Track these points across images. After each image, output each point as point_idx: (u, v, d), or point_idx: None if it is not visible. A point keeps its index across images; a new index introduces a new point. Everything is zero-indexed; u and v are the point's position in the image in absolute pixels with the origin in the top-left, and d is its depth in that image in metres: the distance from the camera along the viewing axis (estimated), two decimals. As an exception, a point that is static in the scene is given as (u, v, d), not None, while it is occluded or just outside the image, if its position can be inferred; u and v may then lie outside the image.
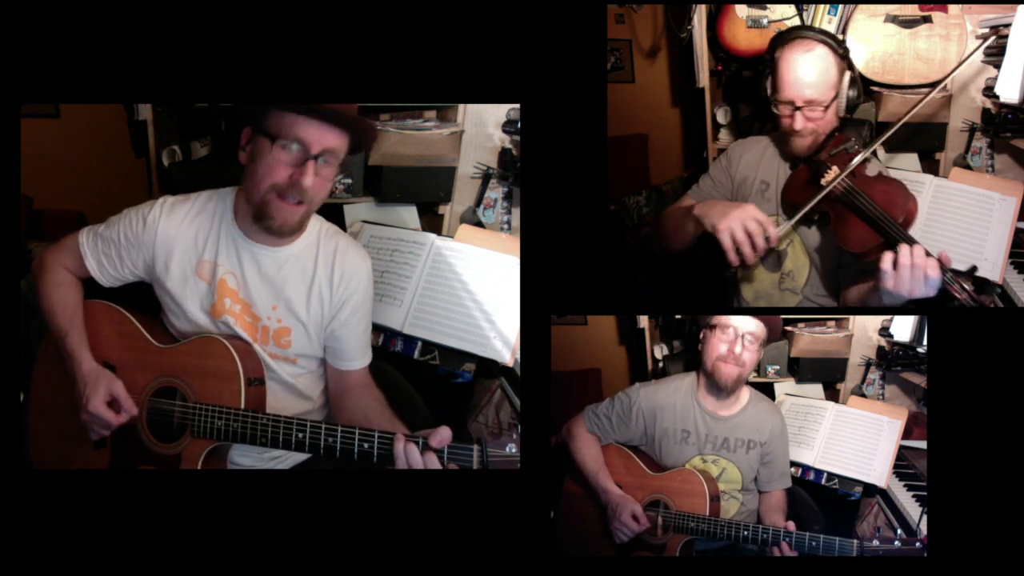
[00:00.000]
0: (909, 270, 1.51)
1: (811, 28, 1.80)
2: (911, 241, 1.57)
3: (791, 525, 1.84)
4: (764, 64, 1.83)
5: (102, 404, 1.50)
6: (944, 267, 1.52)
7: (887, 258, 1.53)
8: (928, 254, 1.52)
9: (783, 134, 1.80)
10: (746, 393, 2.01)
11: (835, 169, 1.71)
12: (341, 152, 1.53)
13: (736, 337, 1.90)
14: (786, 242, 1.87)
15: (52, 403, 1.62)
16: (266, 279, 1.61)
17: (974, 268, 1.56)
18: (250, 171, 1.53)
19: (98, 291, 1.67)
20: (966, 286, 1.53)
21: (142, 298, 1.68)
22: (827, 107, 1.73)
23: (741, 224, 1.69)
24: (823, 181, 1.71)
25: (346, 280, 1.65)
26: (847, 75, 1.76)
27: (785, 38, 1.78)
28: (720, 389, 1.95)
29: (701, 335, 1.99)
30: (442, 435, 1.40)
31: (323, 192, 1.54)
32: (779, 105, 1.76)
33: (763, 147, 1.93)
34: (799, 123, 1.74)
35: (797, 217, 1.75)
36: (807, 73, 1.72)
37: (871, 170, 1.76)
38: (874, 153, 2.01)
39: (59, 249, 1.66)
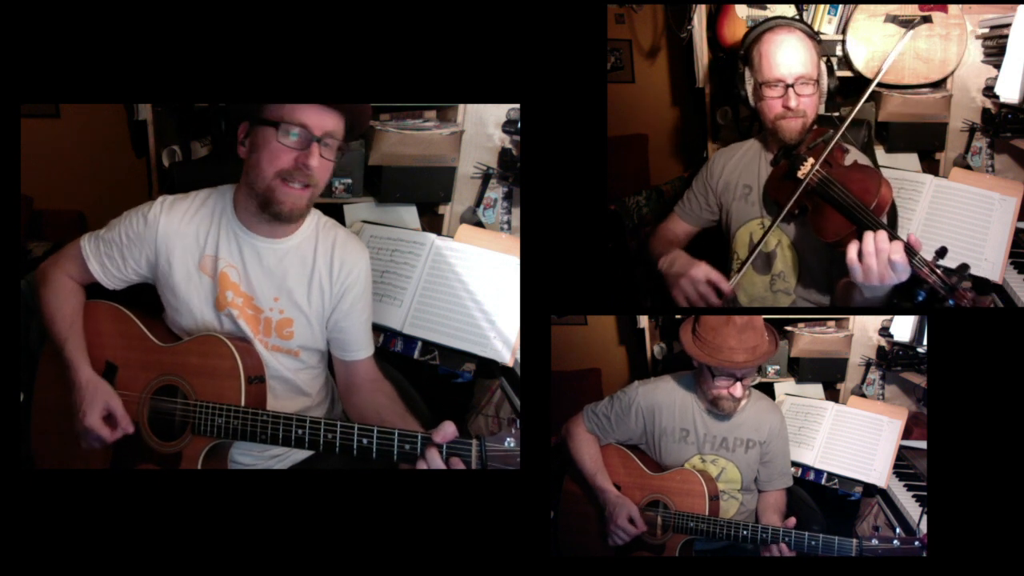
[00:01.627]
0: (873, 257, 1.49)
1: (784, 17, 1.85)
2: (876, 226, 1.55)
3: (791, 522, 1.84)
4: (739, 61, 1.85)
5: (98, 419, 1.51)
6: (913, 250, 1.51)
7: (851, 250, 1.52)
8: (894, 237, 1.50)
9: (772, 122, 1.80)
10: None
11: (811, 161, 1.72)
12: (339, 134, 1.56)
13: (736, 380, 1.88)
14: (775, 242, 1.87)
15: (55, 402, 1.62)
16: (267, 271, 1.62)
17: (943, 250, 1.54)
18: (252, 161, 1.55)
19: (101, 293, 1.67)
20: (936, 270, 1.51)
21: (143, 298, 1.69)
22: (816, 82, 1.77)
23: (692, 287, 1.79)
24: (800, 174, 1.72)
25: (346, 270, 1.66)
26: (823, 62, 1.80)
27: (760, 28, 1.82)
28: (723, 413, 1.95)
29: (696, 362, 1.96)
30: (446, 431, 1.41)
31: (326, 176, 1.57)
32: (768, 88, 1.77)
33: (744, 151, 1.94)
34: (793, 100, 1.74)
35: (747, 262, 1.82)
36: (794, 50, 1.76)
37: (848, 160, 1.77)
38: (864, 150, 2.02)
39: (61, 257, 1.67)
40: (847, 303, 1.73)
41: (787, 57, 1.76)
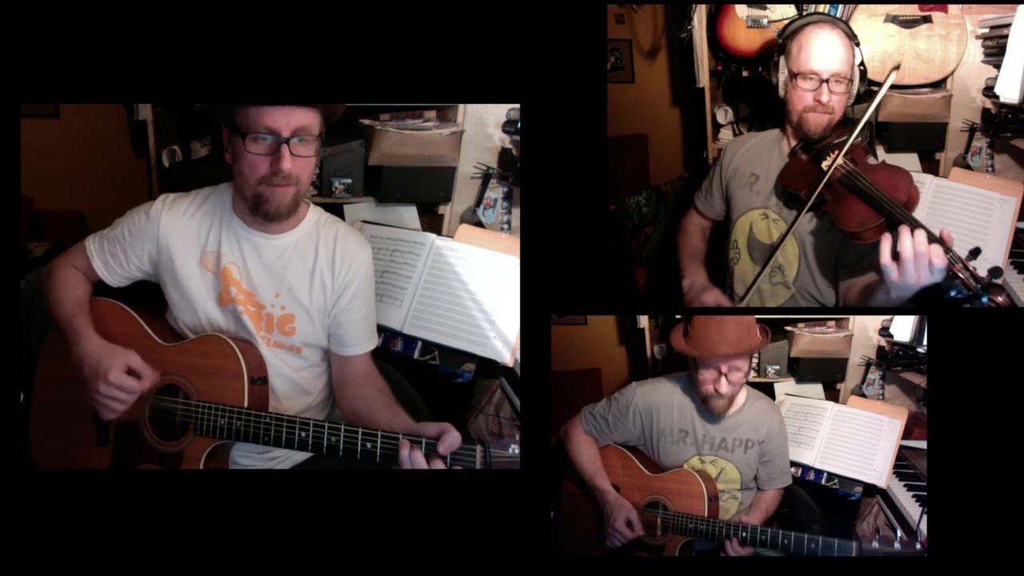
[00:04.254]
0: (912, 261, 1.44)
1: (829, 15, 1.85)
2: (912, 223, 1.50)
3: (745, 519, 1.86)
4: (776, 51, 1.85)
5: (122, 373, 1.49)
6: (947, 247, 1.46)
7: (886, 251, 1.47)
8: (932, 239, 1.45)
9: (799, 114, 1.79)
10: (743, 393, 2.00)
11: (837, 152, 1.71)
12: (314, 127, 1.55)
13: (720, 375, 1.87)
14: (776, 234, 1.85)
15: (55, 401, 1.62)
16: (268, 267, 1.63)
17: (977, 250, 1.49)
18: (236, 170, 1.57)
19: (105, 292, 1.68)
20: (969, 266, 1.46)
21: (146, 297, 1.69)
22: (849, 82, 1.77)
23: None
24: (824, 165, 1.71)
25: (347, 265, 1.67)
26: (857, 66, 1.80)
27: (805, 20, 1.83)
28: (713, 413, 1.95)
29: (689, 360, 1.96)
30: (451, 441, 1.41)
31: (308, 170, 1.57)
32: (802, 79, 1.77)
33: (756, 140, 1.94)
34: (825, 95, 1.75)
35: (769, 260, 1.80)
36: (834, 47, 1.76)
37: (872, 160, 1.76)
38: (871, 143, 2.00)
39: (68, 254, 1.69)
40: (864, 304, 1.71)
41: (826, 52, 1.76)
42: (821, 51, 1.76)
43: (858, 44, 1.81)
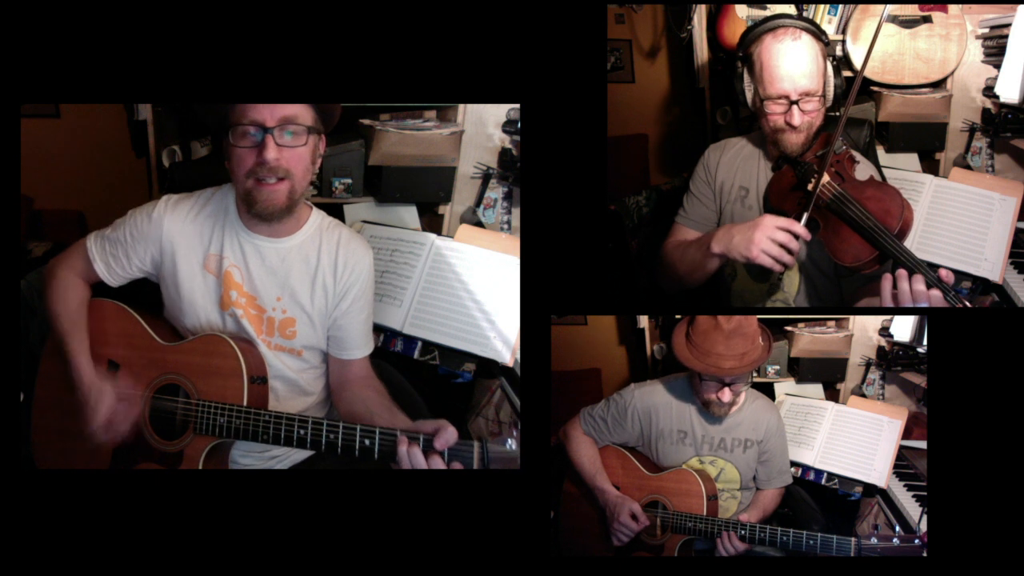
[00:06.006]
0: (912, 304, 1.45)
1: (788, 16, 1.70)
2: (910, 265, 1.47)
3: (743, 517, 1.86)
4: (738, 63, 1.73)
5: (101, 426, 1.52)
6: (947, 287, 1.45)
7: (886, 287, 1.47)
8: (931, 283, 1.44)
9: (772, 132, 1.70)
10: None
11: (822, 172, 1.61)
12: (304, 119, 1.53)
13: (724, 386, 1.85)
14: None
15: (56, 401, 1.62)
16: (270, 271, 1.63)
17: (975, 285, 1.50)
18: (230, 169, 1.56)
19: (106, 291, 1.68)
20: (967, 302, 1.46)
21: (147, 297, 1.69)
22: (822, 96, 1.66)
23: (770, 240, 1.60)
24: (810, 187, 1.62)
25: (348, 269, 1.66)
26: (830, 63, 1.68)
27: (762, 30, 1.68)
28: (714, 417, 1.94)
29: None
30: (447, 437, 1.41)
31: (300, 165, 1.54)
32: (770, 103, 1.66)
33: (738, 149, 1.85)
34: (796, 118, 1.64)
35: (808, 210, 1.64)
36: (798, 62, 1.63)
37: (861, 173, 1.68)
38: (866, 150, 1.97)
39: (67, 256, 1.67)
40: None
41: (791, 70, 1.62)
42: (786, 70, 1.63)
43: (826, 41, 1.67)
